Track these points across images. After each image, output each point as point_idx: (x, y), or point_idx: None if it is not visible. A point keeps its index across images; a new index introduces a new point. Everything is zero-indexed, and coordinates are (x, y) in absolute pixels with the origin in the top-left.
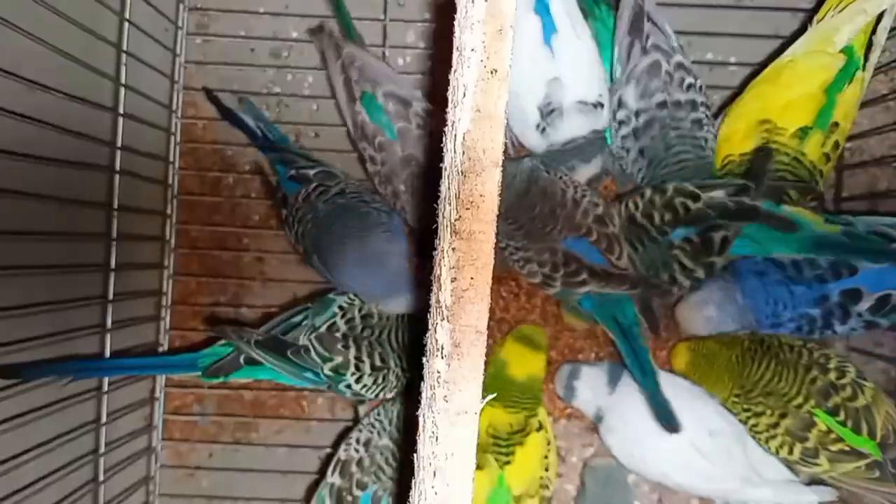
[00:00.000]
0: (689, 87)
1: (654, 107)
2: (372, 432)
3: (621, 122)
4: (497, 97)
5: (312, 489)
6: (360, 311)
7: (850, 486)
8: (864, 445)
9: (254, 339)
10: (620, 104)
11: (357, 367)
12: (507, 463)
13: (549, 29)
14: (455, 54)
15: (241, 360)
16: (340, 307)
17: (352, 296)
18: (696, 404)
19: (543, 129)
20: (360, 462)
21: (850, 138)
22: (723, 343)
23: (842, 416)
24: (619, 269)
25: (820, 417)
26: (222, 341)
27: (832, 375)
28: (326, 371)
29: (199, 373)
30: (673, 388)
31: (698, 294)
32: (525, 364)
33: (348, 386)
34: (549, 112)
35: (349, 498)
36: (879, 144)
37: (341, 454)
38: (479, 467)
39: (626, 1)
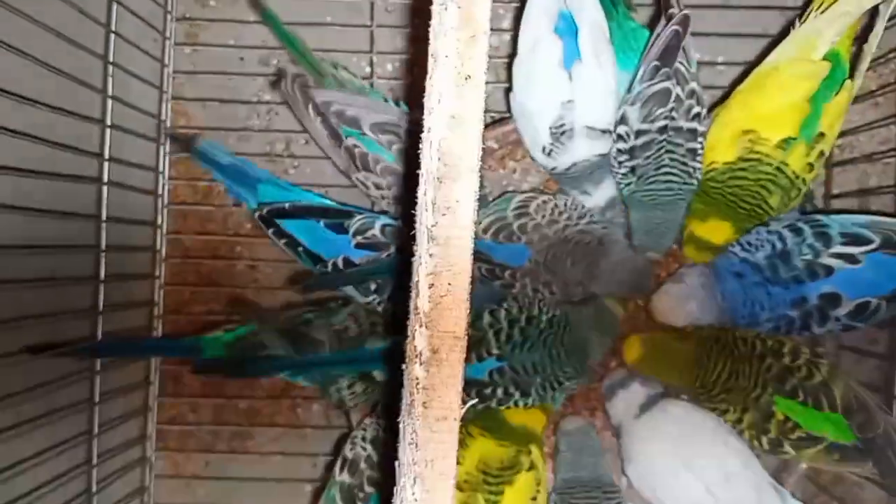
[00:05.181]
0: (696, 116)
1: (655, 130)
2: (378, 430)
3: (619, 137)
4: (472, 103)
5: (309, 496)
6: (367, 318)
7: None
8: (825, 424)
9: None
10: (623, 119)
11: None
12: (496, 503)
13: (571, 54)
14: (430, 60)
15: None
16: (350, 314)
17: (356, 304)
18: (714, 446)
19: (550, 153)
20: (368, 459)
21: (839, 134)
22: (674, 336)
23: (801, 397)
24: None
25: (779, 406)
26: (225, 327)
27: (786, 360)
28: None
29: (198, 357)
30: (692, 426)
31: (681, 287)
32: (523, 413)
33: (339, 389)
34: (559, 133)
35: (360, 495)
36: (869, 140)
37: (347, 453)
38: None
39: (665, 30)
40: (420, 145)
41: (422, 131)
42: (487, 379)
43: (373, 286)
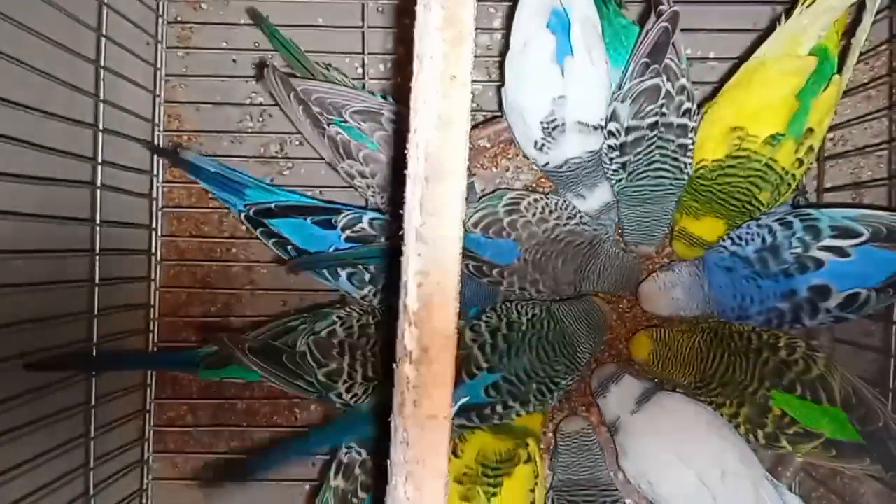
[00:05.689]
0: (686, 112)
1: (645, 126)
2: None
3: (610, 133)
4: (458, 103)
5: (308, 497)
6: (357, 321)
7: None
8: (822, 420)
9: (247, 346)
10: (614, 116)
11: (349, 376)
12: (495, 495)
13: (563, 49)
14: (415, 61)
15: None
16: (339, 317)
17: (349, 308)
18: (710, 440)
19: (542, 147)
20: (363, 464)
21: (832, 128)
22: (681, 331)
23: (799, 391)
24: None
25: (776, 401)
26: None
27: (783, 353)
28: (320, 377)
29: (198, 370)
30: (688, 419)
31: (668, 275)
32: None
33: (339, 395)
34: (551, 128)
35: (354, 500)
36: (862, 133)
37: (342, 457)
38: (468, 500)
39: (655, 26)
40: (407, 145)
41: (409, 131)
42: (485, 399)
43: (367, 276)
